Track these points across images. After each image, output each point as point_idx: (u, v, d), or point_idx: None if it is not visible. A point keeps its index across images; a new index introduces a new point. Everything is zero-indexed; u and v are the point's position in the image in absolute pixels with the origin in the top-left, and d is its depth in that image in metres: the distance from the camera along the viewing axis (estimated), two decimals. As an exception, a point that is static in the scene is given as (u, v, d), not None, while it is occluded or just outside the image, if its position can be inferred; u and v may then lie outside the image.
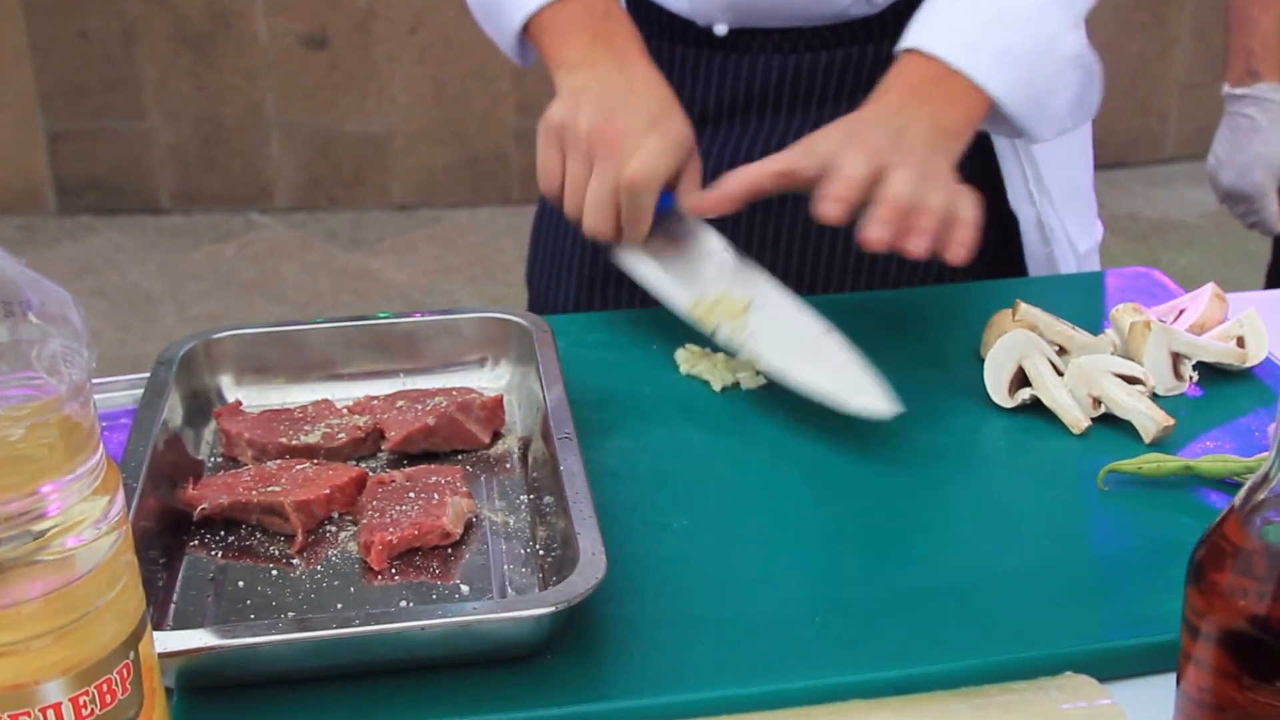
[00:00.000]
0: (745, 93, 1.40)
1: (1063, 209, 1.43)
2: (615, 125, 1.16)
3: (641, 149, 1.16)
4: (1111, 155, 4.43)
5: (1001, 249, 1.44)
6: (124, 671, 0.64)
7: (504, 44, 1.36)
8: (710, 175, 1.40)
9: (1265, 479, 0.67)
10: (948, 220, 1.10)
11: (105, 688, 0.63)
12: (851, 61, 1.37)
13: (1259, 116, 1.83)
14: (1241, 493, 0.69)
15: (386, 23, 4.18)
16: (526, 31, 1.30)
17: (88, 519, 0.62)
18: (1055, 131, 1.26)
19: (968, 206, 1.12)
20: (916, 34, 1.21)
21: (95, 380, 0.65)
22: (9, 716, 0.61)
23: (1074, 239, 1.45)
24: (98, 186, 4.26)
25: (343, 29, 4.19)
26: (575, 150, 1.18)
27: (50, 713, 0.61)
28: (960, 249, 1.10)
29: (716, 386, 1.17)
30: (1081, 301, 1.32)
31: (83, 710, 0.62)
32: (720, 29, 1.37)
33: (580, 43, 1.25)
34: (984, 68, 1.18)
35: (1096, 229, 1.52)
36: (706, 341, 1.21)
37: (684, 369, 1.20)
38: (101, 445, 0.63)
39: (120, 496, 0.64)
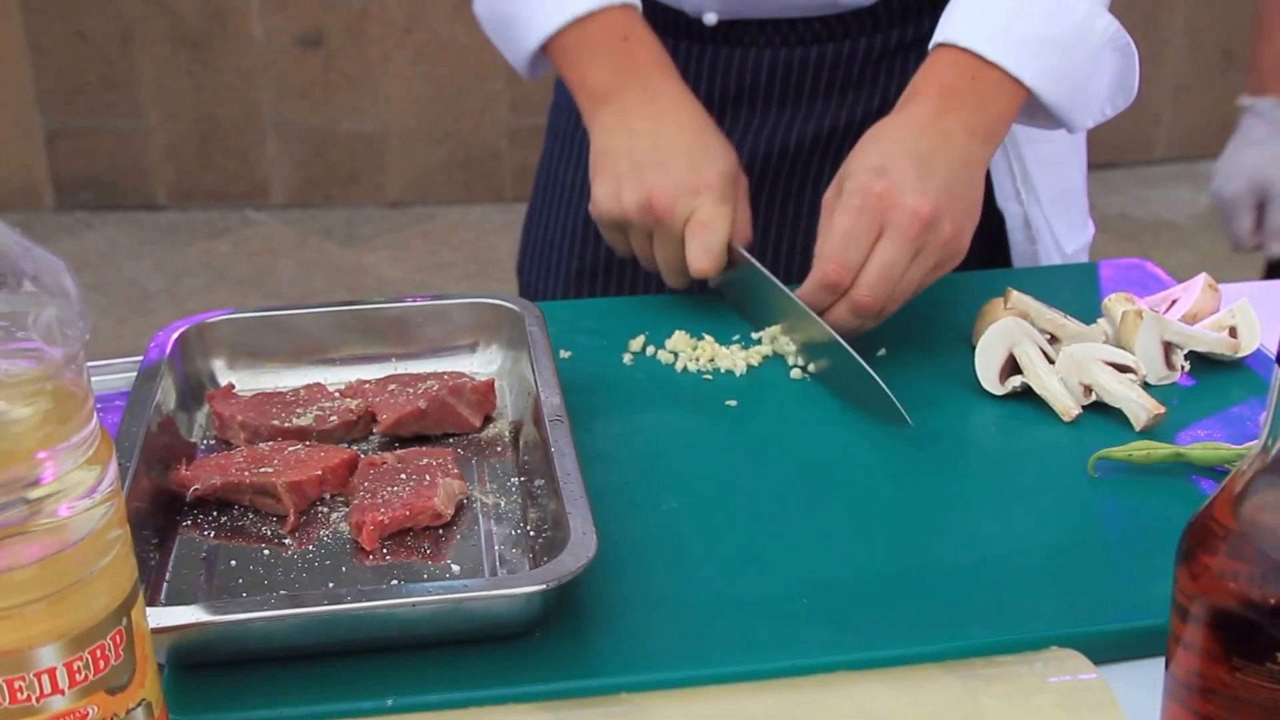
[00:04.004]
0: (736, 86, 1.39)
1: (1050, 209, 1.43)
2: (659, 197, 1.18)
3: (695, 221, 1.18)
4: (1103, 156, 4.42)
5: (987, 246, 1.45)
6: (117, 638, 0.64)
7: (516, 62, 1.34)
8: None
9: (1256, 461, 0.68)
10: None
11: (99, 653, 0.63)
12: (843, 56, 1.37)
13: (1257, 129, 1.83)
14: (1232, 474, 0.69)
15: (381, 23, 4.19)
16: (544, 51, 1.29)
17: (81, 487, 0.62)
18: (1095, 119, 1.24)
19: (952, 261, 1.15)
20: (946, 28, 1.19)
21: (90, 364, 0.65)
22: (5, 680, 0.61)
23: (1060, 239, 1.45)
24: (95, 184, 4.27)
25: (338, 29, 4.19)
26: (634, 233, 1.22)
27: (45, 677, 0.62)
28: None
29: (737, 372, 1.18)
30: (1074, 291, 1.32)
31: (77, 675, 0.63)
32: (710, 18, 1.36)
33: (603, 68, 1.24)
34: (1017, 58, 1.16)
35: (1087, 229, 1.52)
36: (696, 330, 1.23)
37: (669, 360, 1.21)
38: (95, 415, 0.64)
39: (113, 467, 0.65)
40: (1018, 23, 1.17)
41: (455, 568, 0.93)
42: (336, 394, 1.10)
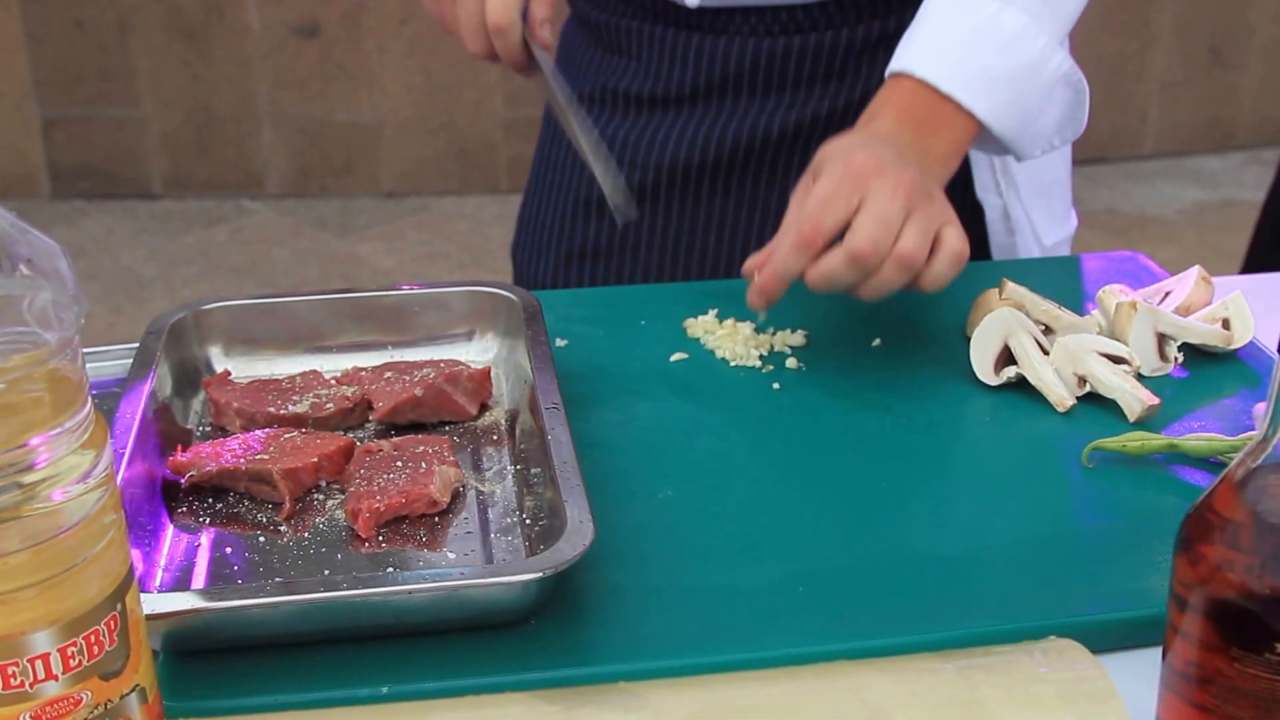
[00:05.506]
0: (720, 74, 1.39)
1: (1030, 201, 1.43)
2: None
3: None
4: (1091, 151, 4.45)
5: (968, 238, 1.45)
6: (111, 624, 0.64)
7: None
8: (687, 158, 1.41)
9: (1255, 452, 0.68)
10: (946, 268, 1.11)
11: (93, 639, 0.63)
12: (824, 45, 1.36)
13: None
14: (1231, 465, 0.69)
15: (377, 14, 4.18)
16: None
17: (75, 472, 0.62)
18: (1043, 150, 1.25)
19: (961, 247, 1.11)
20: (904, 57, 1.20)
21: (85, 350, 0.65)
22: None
23: (1040, 231, 1.45)
24: (91, 172, 4.27)
25: (334, 20, 4.19)
26: None
27: (39, 663, 0.62)
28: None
29: (731, 361, 1.18)
30: (1068, 283, 1.32)
31: (71, 661, 0.63)
32: (691, 1, 1.36)
33: None
34: (972, 92, 1.17)
35: (1069, 222, 1.52)
36: (726, 312, 1.23)
37: (695, 336, 1.21)
38: (90, 399, 0.64)
39: (108, 452, 0.64)
40: (973, 56, 1.18)
41: (451, 555, 0.92)
42: (333, 381, 1.10)
